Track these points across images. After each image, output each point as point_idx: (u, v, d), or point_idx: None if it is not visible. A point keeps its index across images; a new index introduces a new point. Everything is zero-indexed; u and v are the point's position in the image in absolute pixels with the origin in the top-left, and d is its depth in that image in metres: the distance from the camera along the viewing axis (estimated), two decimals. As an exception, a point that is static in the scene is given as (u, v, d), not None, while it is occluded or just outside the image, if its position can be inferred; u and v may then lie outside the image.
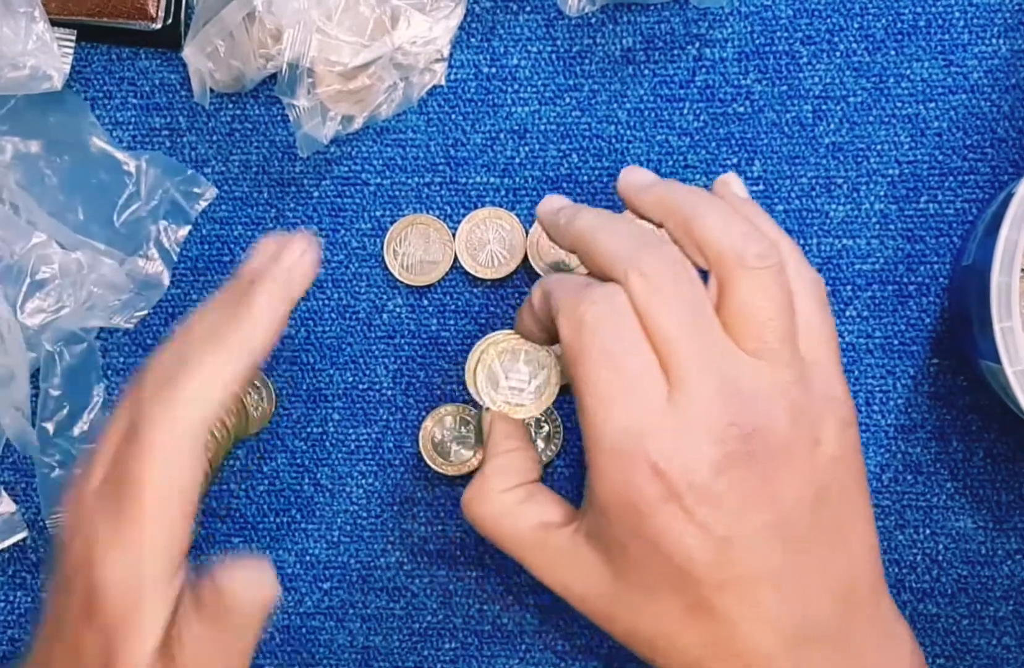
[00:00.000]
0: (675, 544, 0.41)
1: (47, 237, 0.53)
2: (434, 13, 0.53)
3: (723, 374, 0.41)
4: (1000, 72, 0.53)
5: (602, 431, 0.41)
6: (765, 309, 0.42)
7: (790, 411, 0.42)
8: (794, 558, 0.42)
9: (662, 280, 0.42)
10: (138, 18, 0.53)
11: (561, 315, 0.43)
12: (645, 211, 0.45)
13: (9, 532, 0.55)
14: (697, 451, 0.41)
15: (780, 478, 0.41)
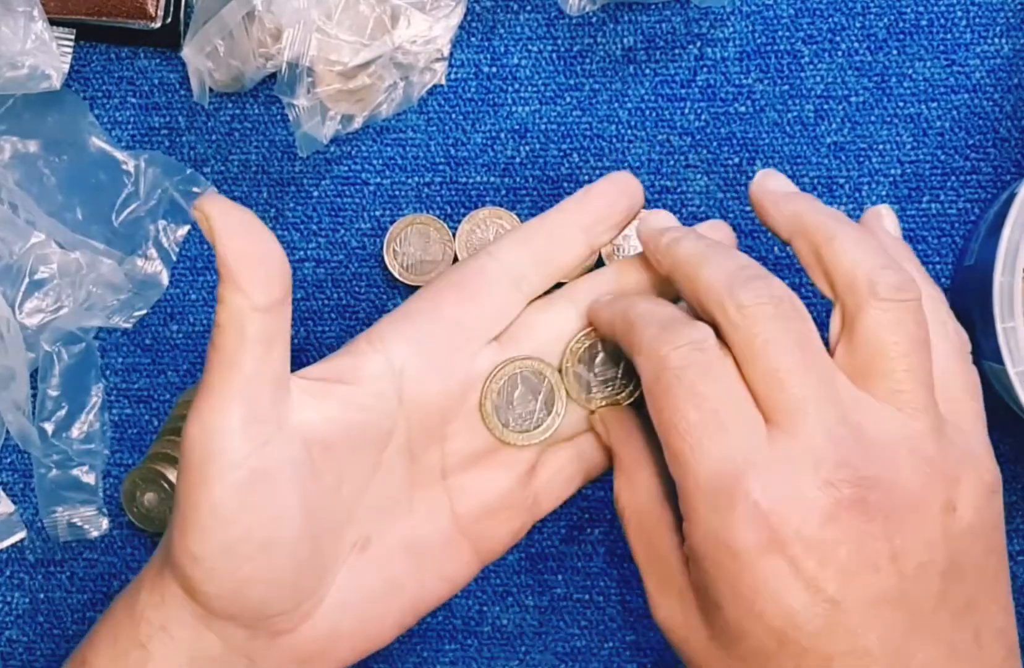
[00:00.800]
0: (776, 602, 0.36)
1: (46, 237, 0.53)
2: (434, 12, 0.53)
3: (836, 413, 0.37)
4: (1002, 71, 0.53)
5: (695, 471, 0.37)
6: (898, 345, 0.38)
7: (921, 465, 0.37)
8: (917, 642, 0.36)
9: (764, 314, 0.38)
10: (137, 17, 0.53)
11: (642, 355, 0.40)
12: (776, 223, 0.42)
13: (7, 532, 0.55)
14: (803, 493, 0.36)
15: (903, 540, 0.36)
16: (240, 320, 0.39)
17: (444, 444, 0.43)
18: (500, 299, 0.43)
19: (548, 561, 0.54)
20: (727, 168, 0.53)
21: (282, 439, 0.39)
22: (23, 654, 0.55)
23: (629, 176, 0.44)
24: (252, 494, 0.39)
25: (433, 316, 0.43)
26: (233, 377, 0.39)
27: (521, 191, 0.54)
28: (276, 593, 0.40)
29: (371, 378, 0.42)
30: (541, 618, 0.54)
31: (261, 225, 0.40)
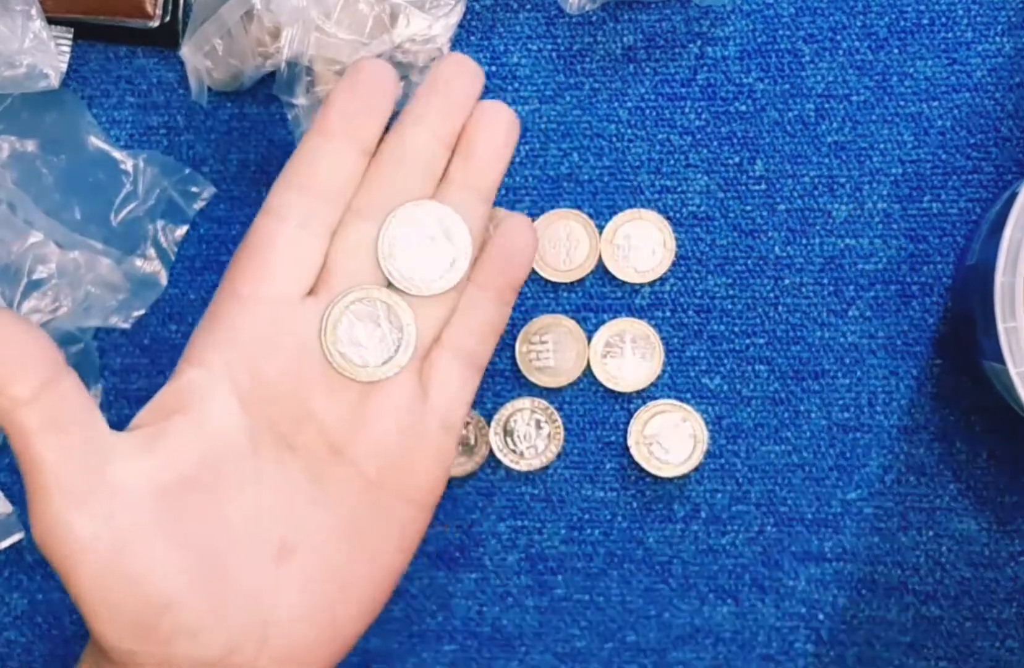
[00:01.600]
0: None
1: (44, 236, 0.53)
2: (434, 11, 0.52)
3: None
4: (1004, 70, 0.53)
5: None
6: None
7: None
8: None
9: None
10: (135, 16, 0.53)
11: None
12: None
13: (5, 533, 0.54)
14: None
15: None
16: (12, 419, 0.37)
17: (314, 419, 0.41)
18: (291, 255, 0.41)
19: (548, 561, 0.54)
20: (727, 167, 0.53)
21: (126, 504, 0.38)
22: (22, 655, 0.55)
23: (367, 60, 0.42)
24: (122, 566, 0.38)
25: (231, 304, 0.41)
26: (41, 475, 0.37)
27: (521, 190, 0.54)
28: (208, 640, 0.39)
29: (200, 398, 0.40)
30: (541, 619, 0.54)
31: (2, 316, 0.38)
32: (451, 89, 0.43)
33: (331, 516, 0.41)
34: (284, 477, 0.41)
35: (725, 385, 0.53)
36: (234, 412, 0.40)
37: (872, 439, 0.53)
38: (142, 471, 0.39)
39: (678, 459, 0.53)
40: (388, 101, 0.42)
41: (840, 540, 0.53)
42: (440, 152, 0.43)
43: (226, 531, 0.40)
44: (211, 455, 0.40)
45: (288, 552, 0.40)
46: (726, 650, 0.54)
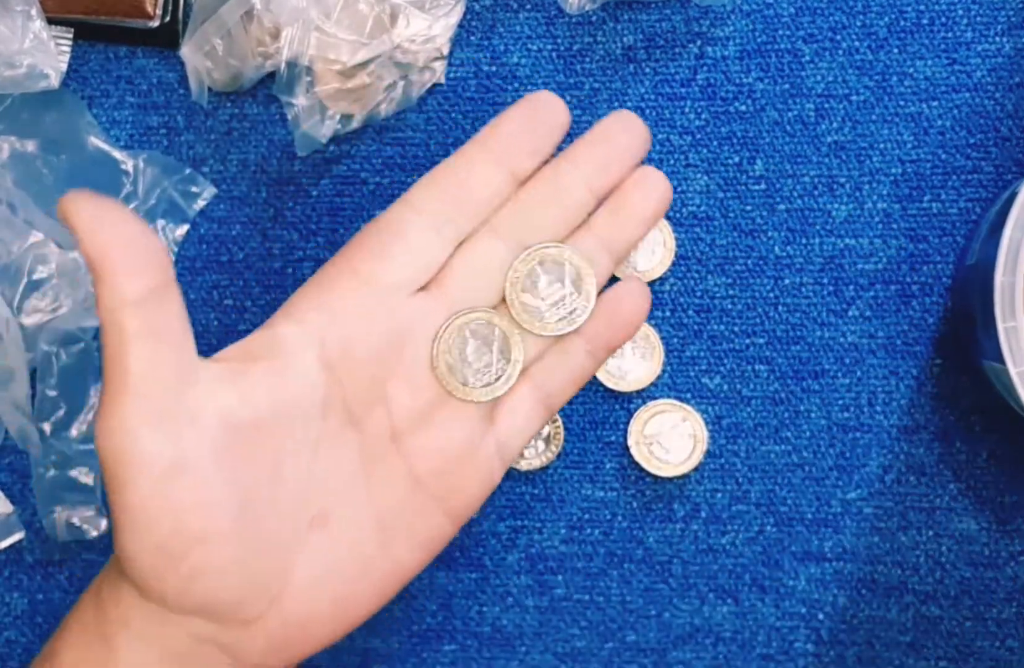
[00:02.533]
0: None
1: (44, 236, 0.53)
2: (434, 11, 0.52)
3: None
4: (1004, 70, 0.53)
5: None
6: None
7: None
8: None
9: None
10: (135, 16, 0.53)
11: None
12: None
13: (5, 533, 0.54)
14: None
15: None
16: (115, 317, 0.37)
17: (387, 404, 0.42)
18: (418, 248, 0.42)
19: (548, 561, 0.54)
20: (727, 167, 0.53)
21: (197, 430, 0.38)
22: (22, 655, 0.55)
23: (548, 95, 0.43)
24: (173, 490, 0.38)
25: (346, 277, 0.41)
26: (125, 379, 0.38)
27: (521, 190, 0.54)
28: (226, 584, 0.39)
29: (289, 351, 0.40)
30: (541, 618, 0.54)
31: (126, 215, 0.38)
32: (616, 145, 0.43)
33: (371, 501, 0.42)
34: (341, 450, 0.41)
35: (725, 385, 0.53)
36: (316, 375, 0.41)
37: (872, 439, 0.53)
38: (219, 402, 0.39)
39: (678, 459, 0.53)
40: (555, 140, 0.43)
41: (840, 540, 0.53)
42: (588, 201, 0.44)
43: (274, 485, 0.40)
44: (284, 408, 0.40)
45: (323, 522, 0.41)
46: (726, 650, 0.54)
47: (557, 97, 0.43)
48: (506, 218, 0.43)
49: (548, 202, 0.43)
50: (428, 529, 0.42)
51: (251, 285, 0.55)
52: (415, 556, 0.42)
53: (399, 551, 0.42)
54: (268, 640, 0.41)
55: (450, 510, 0.43)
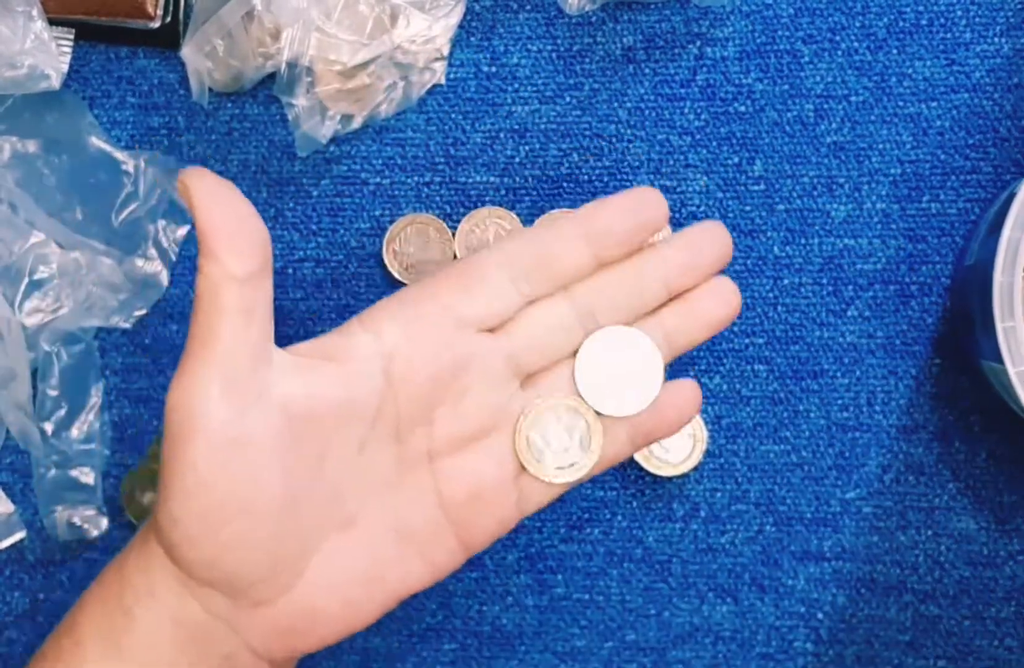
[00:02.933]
0: None
1: (45, 237, 0.53)
2: (434, 11, 0.53)
3: None
4: (1002, 71, 0.53)
5: None
6: None
7: None
8: None
9: None
10: (136, 17, 0.53)
11: None
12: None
13: (7, 533, 0.55)
14: None
15: None
16: (217, 290, 0.40)
17: (432, 427, 0.44)
18: (496, 293, 0.44)
19: (548, 561, 0.54)
20: (727, 168, 0.53)
21: (262, 409, 0.40)
22: (23, 654, 0.55)
23: (654, 193, 0.44)
24: (231, 459, 0.40)
25: (428, 302, 0.43)
26: (212, 346, 0.40)
27: (521, 191, 0.54)
28: (253, 561, 0.41)
29: (359, 357, 0.42)
30: (541, 618, 0.54)
31: (241, 197, 0.41)
32: (702, 254, 0.45)
33: (396, 512, 0.43)
34: (380, 457, 0.43)
35: (724, 385, 0.54)
36: (377, 384, 0.43)
37: (871, 438, 0.53)
38: (286, 389, 0.41)
39: (678, 458, 0.53)
40: (648, 237, 0.45)
41: (839, 539, 0.53)
42: (662, 297, 0.45)
43: (316, 477, 0.42)
44: (341, 408, 0.42)
45: (350, 523, 0.43)
46: (725, 649, 0.54)
47: (662, 197, 0.44)
48: (581, 289, 0.45)
49: (626, 287, 0.45)
50: (441, 551, 0.44)
51: (252, 285, 0.55)
52: (422, 575, 0.44)
53: (411, 566, 0.43)
54: (274, 625, 0.42)
55: (464, 538, 0.44)
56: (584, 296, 0.45)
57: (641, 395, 0.44)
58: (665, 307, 0.45)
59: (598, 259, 0.44)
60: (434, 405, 0.43)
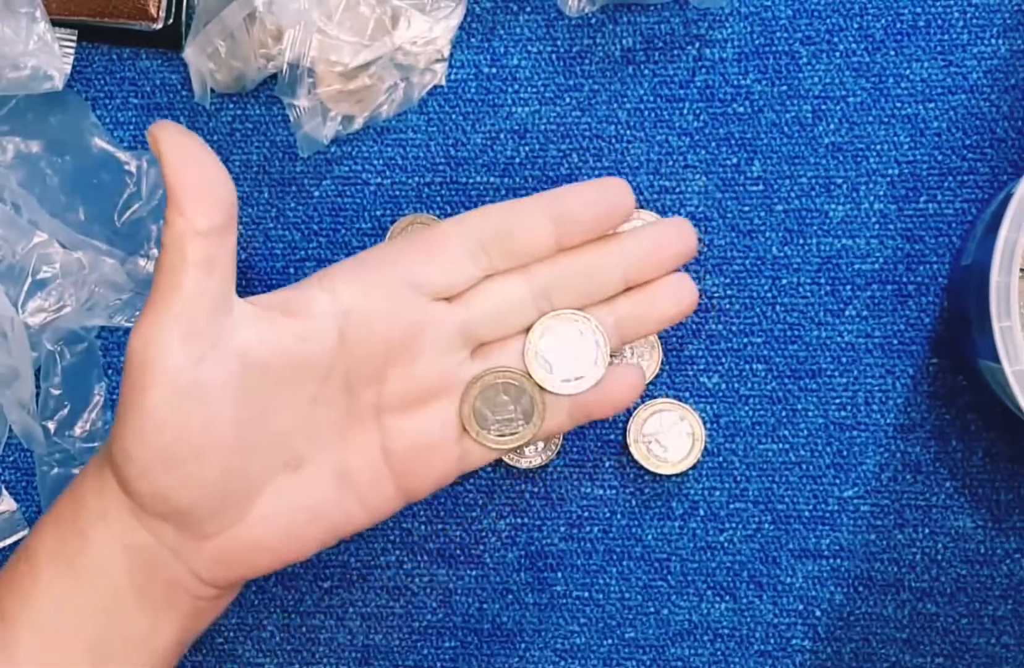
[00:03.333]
0: None
1: (48, 237, 0.53)
2: (434, 13, 0.53)
3: None
4: (999, 72, 0.53)
5: None
6: None
7: None
8: None
9: None
10: (139, 18, 0.53)
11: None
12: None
13: (9, 531, 0.55)
14: None
15: None
16: (181, 243, 0.41)
17: (382, 385, 0.45)
18: (455, 264, 0.45)
19: (547, 559, 0.54)
20: (725, 168, 0.54)
21: (219, 356, 0.42)
22: (26, 651, 0.55)
23: (621, 184, 0.46)
24: (186, 403, 0.41)
25: (388, 266, 0.45)
26: (173, 296, 0.42)
27: (521, 191, 0.54)
28: (203, 497, 0.43)
29: (315, 313, 0.44)
30: (540, 615, 0.54)
31: (210, 154, 0.42)
32: (664, 249, 0.46)
33: (340, 458, 0.45)
34: (329, 409, 0.45)
35: (723, 384, 0.54)
36: (332, 341, 0.44)
37: (869, 437, 0.53)
38: (242, 338, 0.43)
39: (676, 457, 0.53)
40: (610, 226, 0.46)
41: (837, 537, 0.53)
42: (618, 286, 0.46)
43: (266, 423, 0.44)
44: (295, 361, 0.44)
45: (295, 465, 0.45)
46: (724, 646, 0.54)
47: (629, 188, 0.46)
48: (541, 270, 0.46)
49: (584, 273, 0.46)
50: (379, 496, 0.46)
51: (253, 285, 0.55)
52: (361, 516, 0.46)
53: (350, 507, 0.45)
54: (218, 556, 0.44)
55: (403, 487, 0.46)
56: (542, 277, 0.46)
57: (586, 376, 0.46)
58: (621, 295, 0.46)
59: (559, 243, 0.45)
60: (386, 365, 0.45)
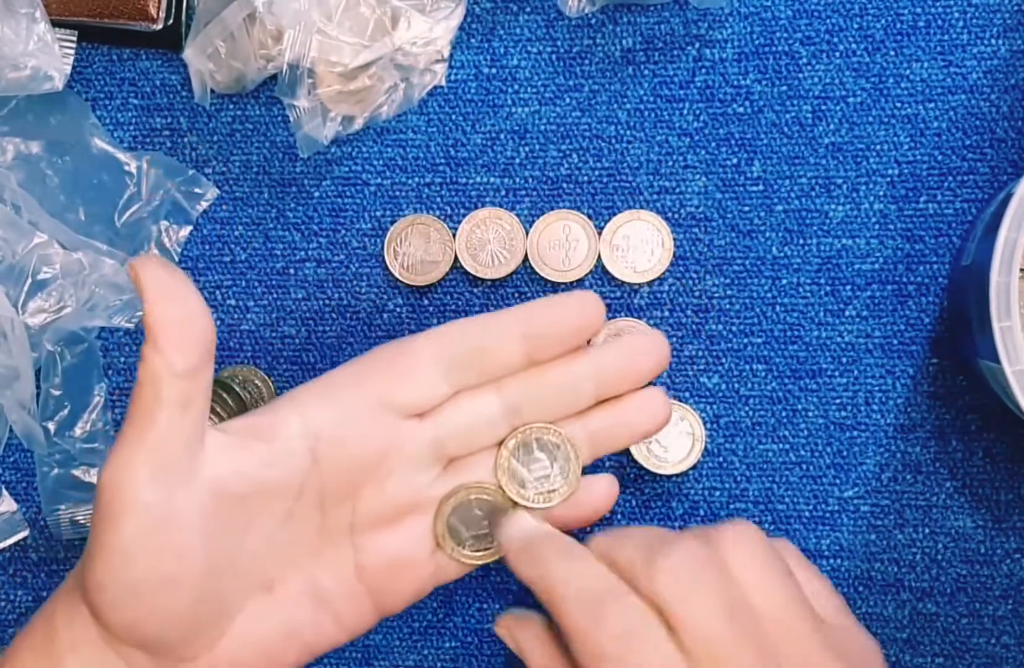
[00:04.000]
0: None
1: (48, 237, 0.53)
2: (434, 14, 0.53)
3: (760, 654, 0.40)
4: (999, 72, 0.53)
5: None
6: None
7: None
8: None
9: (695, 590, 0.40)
10: (139, 19, 0.53)
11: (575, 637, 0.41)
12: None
13: (10, 531, 0.55)
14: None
15: None
16: (157, 381, 0.41)
17: (355, 503, 0.45)
18: (426, 382, 0.45)
19: (548, 559, 0.54)
20: (725, 168, 0.54)
21: (191, 490, 0.42)
22: (26, 652, 0.55)
23: (593, 298, 0.45)
24: (156, 538, 0.41)
25: (358, 387, 0.45)
26: (147, 434, 0.41)
27: (521, 191, 0.54)
28: (175, 626, 0.42)
29: (286, 437, 0.44)
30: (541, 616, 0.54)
31: (192, 292, 0.42)
32: (637, 364, 0.45)
33: (315, 578, 0.45)
34: (303, 527, 0.45)
35: (723, 384, 0.54)
36: (304, 463, 0.44)
37: (869, 437, 0.53)
38: (215, 470, 0.42)
39: (676, 457, 0.53)
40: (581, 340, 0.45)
41: (837, 537, 0.53)
42: (590, 400, 0.46)
43: (239, 548, 0.43)
44: (267, 486, 0.43)
45: (269, 587, 0.44)
46: (724, 646, 0.54)
47: (601, 302, 0.45)
48: (512, 384, 0.46)
49: (555, 387, 0.45)
50: (355, 613, 0.45)
51: (253, 285, 0.55)
52: (337, 633, 0.45)
53: (325, 626, 0.45)
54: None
55: (379, 604, 0.46)
56: (513, 391, 0.46)
57: (559, 490, 0.46)
58: (593, 409, 0.46)
59: (531, 358, 0.45)
60: (359, 484, 0.45)
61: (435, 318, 0.54)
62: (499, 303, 0.54)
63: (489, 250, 0.54)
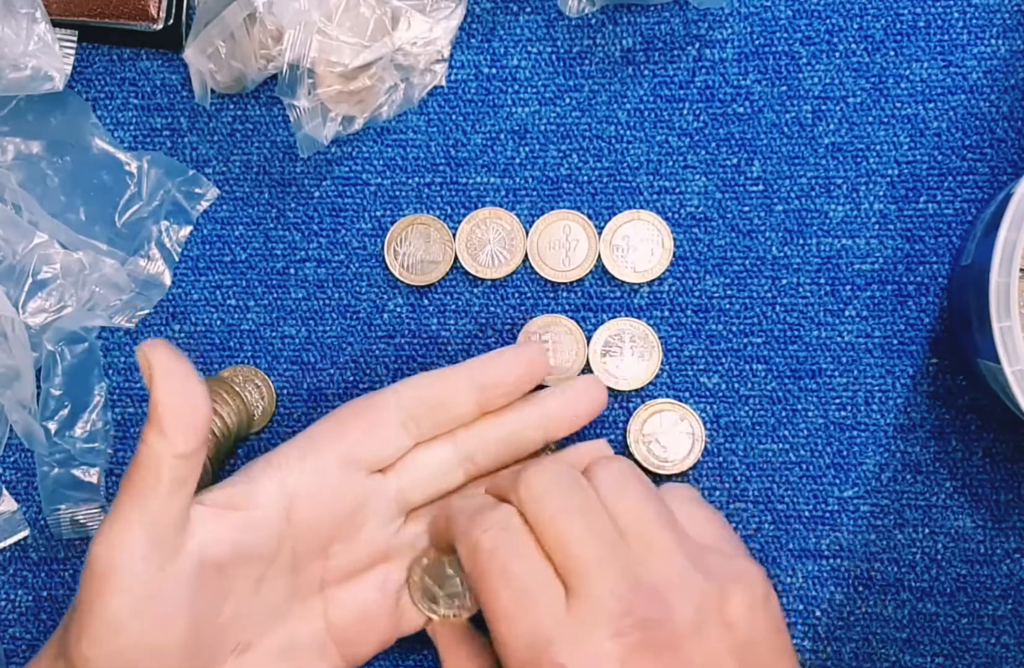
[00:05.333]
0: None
1: (49, 237, 0.53)
2: (434, 14, 0.53)
3: (617, 570, 0.42)
4: (999, 72, 0.53)
5: (512, 648, 0.42)
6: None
7: (691, 595, 0.43)
8: None
9: (549, 492, 0.44)
10: (139, 19, 0.53)
11: (459, 542, 0.45)
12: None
13: (10, 531, 0.55)
14: (600, 648, 0.41)
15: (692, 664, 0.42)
16: (158, 463, 0.43)
17: (327, 560, 0.48)
18: (391, 437, 0.48)
19: (548, 559, 0.54)
20: (725, 169, 0.54)
21: (178, 563, 0.43)
22: (26, 651, 0.55)
23: (539, 350, 0.49)
24: (145, 608, 0.43)
25: (332, 444, 0.47)
26: (142, 511, 0.43)
27: (521, 191, 0.54)
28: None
29: (263, 503, 0.46)
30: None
31: (194, 375, 0.44)
32: (577, 406, 0.49)
33: (286, 635, 0.47)
34: (276, 587, 0.47)
35: (723, 384, 0.54)
36: (279, 526, 0.46)
37: (869, 437, 0.53)
38: (198, 540, 0.44)
39: (676, 457, 0.53)
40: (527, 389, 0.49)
41: (837, 537, 0.53)
42: (539, 444, 0.50)
43: (217, 613, 0.46)
44: (245, 551, 0.46)
45: (244, 649, 0.47)
46: (724, 646, 0.54)
47: (545, 353, 0.49)
48: (464, 434, 0.49)
49: (507, 434, 0.49)
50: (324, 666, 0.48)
51: (253, 285, 0.55)
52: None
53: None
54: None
55: (347, 655, 0.49)
56: (466, 441, 0.49)
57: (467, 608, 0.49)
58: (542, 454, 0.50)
59: (482, 408, 0.48)
60: (330, 541, 0.48)
61: (435, 318, 0.54)
62: (499, 303, 0.54)
63: (489, 250, 0.54)
